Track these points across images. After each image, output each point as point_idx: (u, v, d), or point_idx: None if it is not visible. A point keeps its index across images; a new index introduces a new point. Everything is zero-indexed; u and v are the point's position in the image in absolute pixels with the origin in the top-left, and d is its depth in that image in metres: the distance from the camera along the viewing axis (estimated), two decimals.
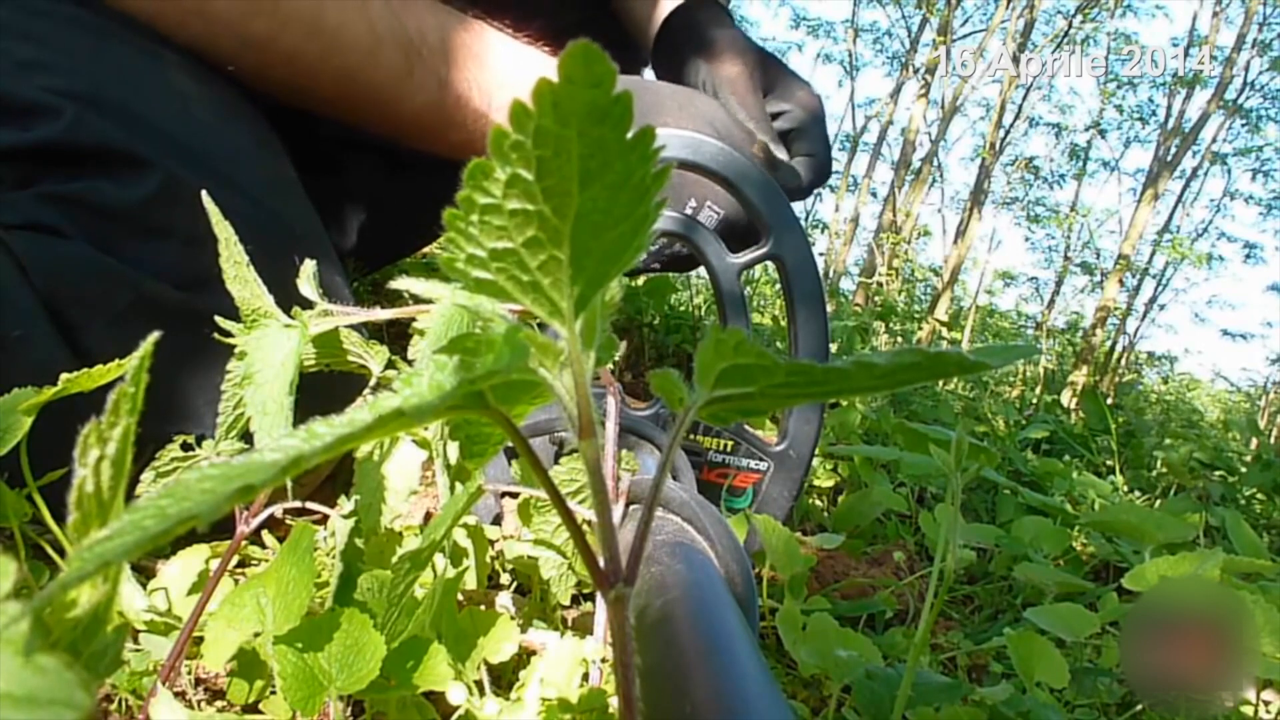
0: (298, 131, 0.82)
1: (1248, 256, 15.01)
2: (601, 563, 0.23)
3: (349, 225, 1.05)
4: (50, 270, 0.59)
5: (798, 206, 0.82)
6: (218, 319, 0.49)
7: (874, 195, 14.43)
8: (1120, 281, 11.15)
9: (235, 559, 0.49)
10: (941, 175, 14.55)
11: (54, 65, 0.66)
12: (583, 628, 0.60)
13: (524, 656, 0.51)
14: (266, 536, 0.63)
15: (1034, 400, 2.98)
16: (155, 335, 0.24)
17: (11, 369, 0.54)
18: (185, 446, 0.48)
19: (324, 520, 0.50)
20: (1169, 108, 12.59)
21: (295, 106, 0.80)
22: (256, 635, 0.45)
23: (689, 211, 0.78)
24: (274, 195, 0.70)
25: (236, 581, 0.47)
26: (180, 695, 0.48)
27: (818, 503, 1.13)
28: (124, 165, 0.63)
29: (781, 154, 0.84)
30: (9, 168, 0.63)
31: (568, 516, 0.23)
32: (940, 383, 2.50)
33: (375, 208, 1.07)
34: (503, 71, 0.80)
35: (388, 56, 0.76)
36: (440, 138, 0.82)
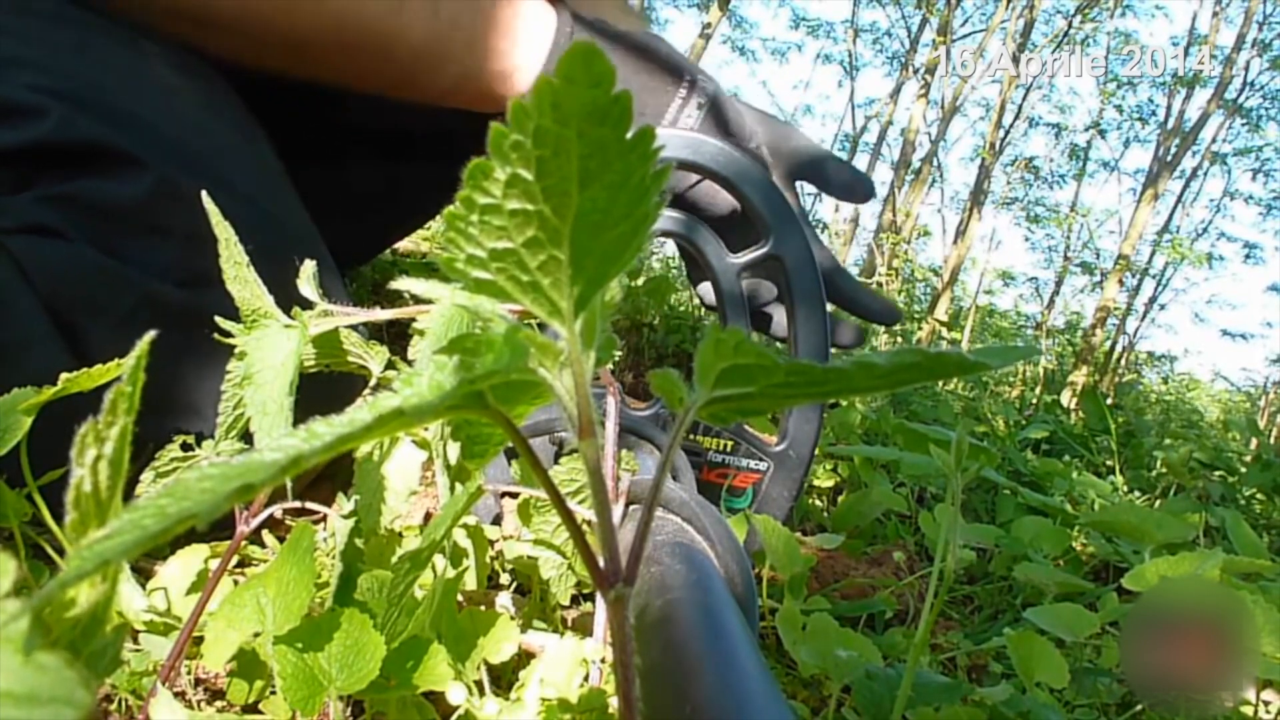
0: (290, 122, 0.82)
1: (1248, 256, 15.01)
2: (601, 563, 0.23)
3: (339, 217, 1.05)
4: (52, 273, 0.59)
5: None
6: (218, 319, 0.49)
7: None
8: (1120, 281, 11.15)
9: (235, 559, 0.49)
10: (941, 175, 14.56)
11: (38, 62, 0.65)
12: (583, 628, 0.60)
13: (524, 657, 0.51)
14: (266, 536, 0.63)
15: (1034, 400, 2.98)
16: (151, 335, 0.24)
17: (14, 374, 0.54)
18: (185, 446, 0.48)
19: (324, 520, 0.50)
20: (1169, 108, 12.60)
21: (291, 76, 0.79)
22: (256, 635, 0.45)
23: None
24: (266, 193, 0.70)
25: (236, 581, 0.47)
26: (180, 695, 0.48)
27: (818, 503, 1.13)
28: (117, 163, 0.63)
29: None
30: (3, 170, 0.63)
31: (568, 516, 0.23)
32: (940, 383, 2.50)
33: (366, 194, 1.07)
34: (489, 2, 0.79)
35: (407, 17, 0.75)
36: (437, 76, 0.80)
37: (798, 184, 0.87)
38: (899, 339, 3.51)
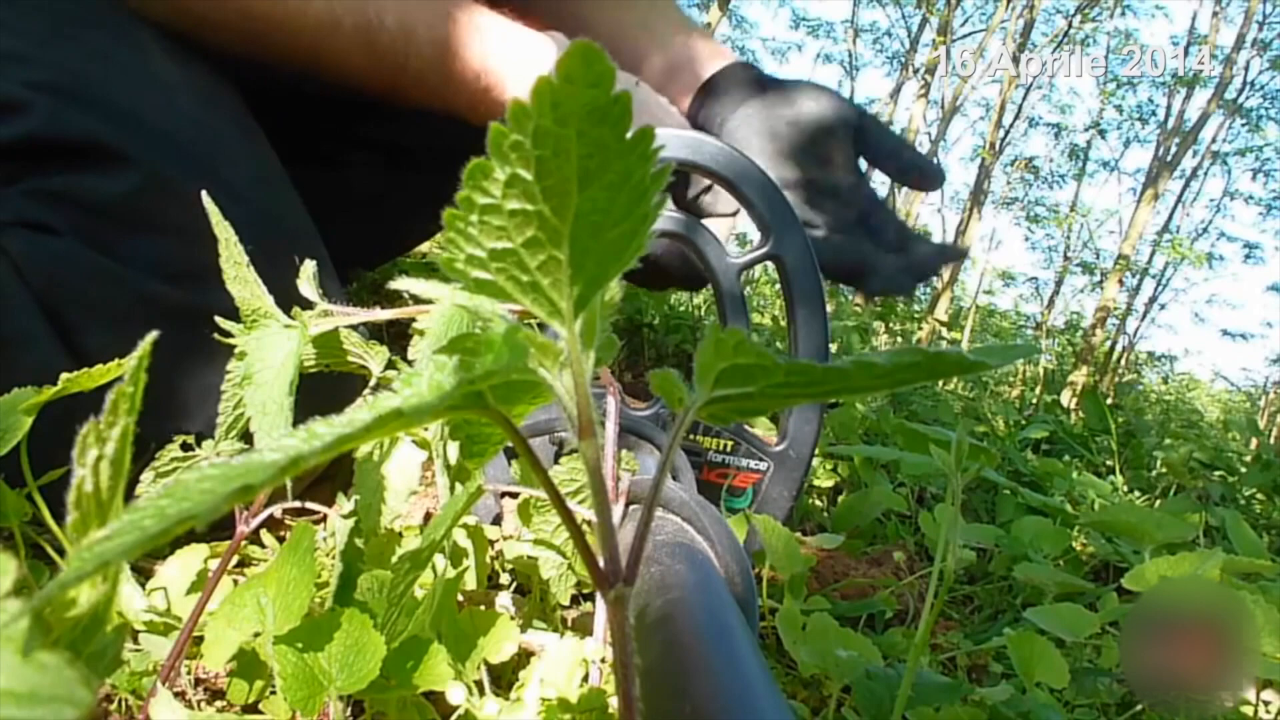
0: (291, 125, 0.81)
1: (1248, 256, 15.01)
2: (601, 563, 0.23)
3: (343, 222, 1.05)
4: (45, 270, 0.59)
5: None
6: (218, 319, 0.49)
7: None
8: (1120, 281, 11.15)
9: (235, 559, 0.49)
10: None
11: (30, 56, 0.65)
12: (583, 628, 0.60)
13: (524, 657, 0.51)
14: (266, 536, 0.63)
15: (1034, 400, 2.98)
16: (153, 335, 0.24)
17: (10, 370, 0.54)
18: (185, 446, 0.48)
19: (324, 520, 0.50)
20: (1169, 108, 12.60)
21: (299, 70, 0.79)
22: (256, 635, 0.45)
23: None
24: (261, 189, 0.69)
25: (236, 581, 0.47)
26: (180, 695, 0.48)
27: (818, 503, 1.13)
28: (106, 158, 0.62)
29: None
30: None
31: (568, 516, 0.23)
32: (940, 383, 2.50)
33: (372, 205, 1.07)
34: (479, 57, 0.79)
35: (346, 40, 0.75)
36: (431, 102, 0.81)
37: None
38: (899, 339, 3.51)
